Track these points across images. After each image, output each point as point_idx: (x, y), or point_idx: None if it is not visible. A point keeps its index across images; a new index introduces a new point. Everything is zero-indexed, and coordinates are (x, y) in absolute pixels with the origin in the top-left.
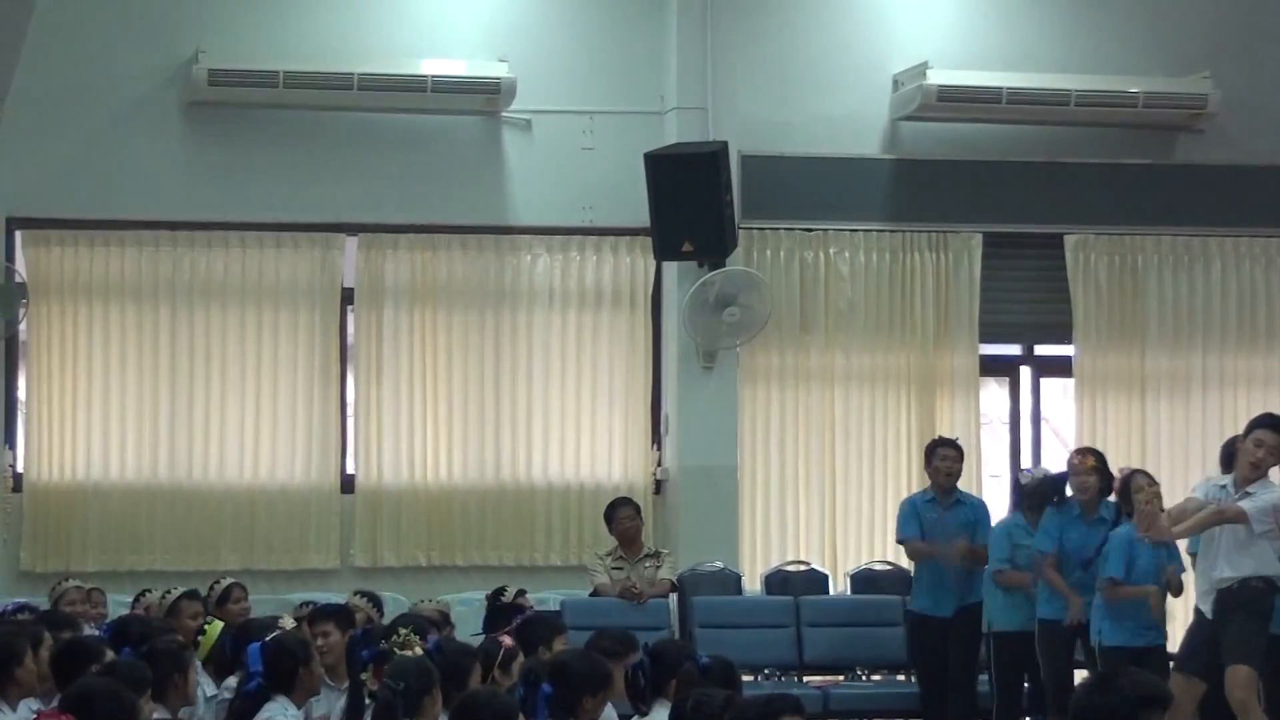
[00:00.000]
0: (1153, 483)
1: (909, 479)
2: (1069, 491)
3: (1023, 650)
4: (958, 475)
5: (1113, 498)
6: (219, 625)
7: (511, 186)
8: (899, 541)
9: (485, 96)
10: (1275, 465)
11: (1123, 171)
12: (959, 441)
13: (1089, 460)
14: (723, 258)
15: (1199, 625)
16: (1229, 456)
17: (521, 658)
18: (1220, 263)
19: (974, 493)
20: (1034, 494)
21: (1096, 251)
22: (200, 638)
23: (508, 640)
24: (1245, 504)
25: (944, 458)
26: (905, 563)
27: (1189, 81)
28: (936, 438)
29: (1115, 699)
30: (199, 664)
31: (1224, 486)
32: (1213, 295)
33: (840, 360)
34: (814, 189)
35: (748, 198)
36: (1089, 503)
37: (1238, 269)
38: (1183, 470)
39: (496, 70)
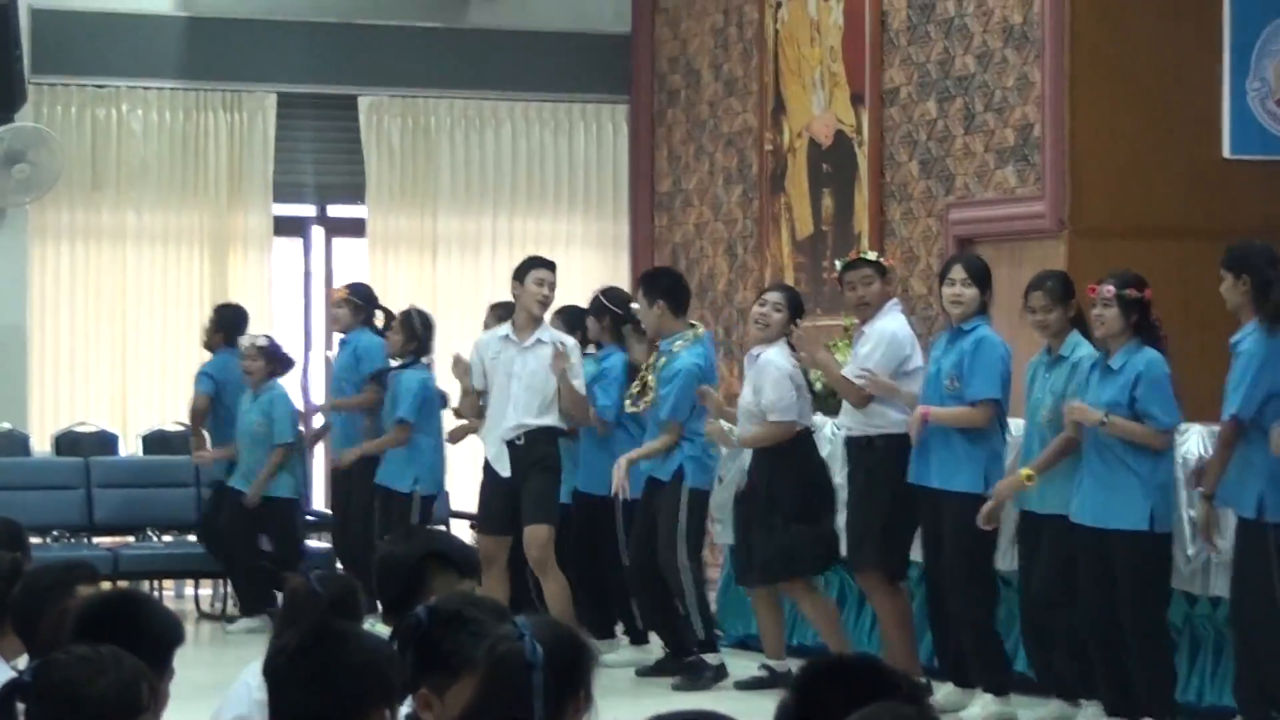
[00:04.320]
0: None
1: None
2: None
3: None
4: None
5: None
6: None
7: None
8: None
9: None
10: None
11: (417, 34)
12: None
13: None
14: (12, 113)
15: (493, 483)
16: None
17: None
18: (510, 126)
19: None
20: None
21: (390, 113)
22: None
23: None
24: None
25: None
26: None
27: None
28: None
29: (409, 550)
30: None
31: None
32: (503, 158)
33: (132, 219)
34: (107, 45)
35: (39, 52)
36: None
37: (527, 133)
38: (474, 326)
39: None
